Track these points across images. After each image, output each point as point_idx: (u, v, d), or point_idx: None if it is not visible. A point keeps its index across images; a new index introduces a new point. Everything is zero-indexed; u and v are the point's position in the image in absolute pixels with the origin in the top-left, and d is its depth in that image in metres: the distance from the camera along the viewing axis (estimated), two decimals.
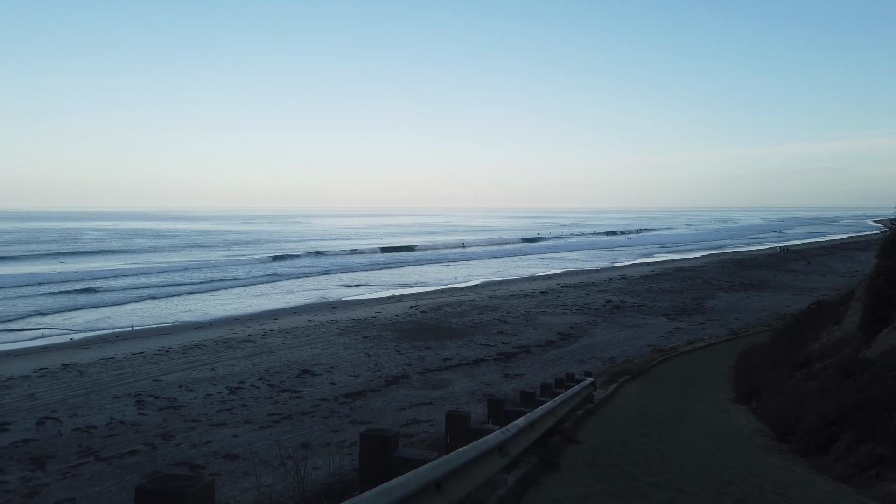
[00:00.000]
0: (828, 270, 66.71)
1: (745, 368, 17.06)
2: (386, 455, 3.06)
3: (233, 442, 17.36)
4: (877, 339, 11.46)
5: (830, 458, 7.66)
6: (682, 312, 41.36)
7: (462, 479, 3.32)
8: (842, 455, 7.37)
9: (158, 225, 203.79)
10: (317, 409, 20.59)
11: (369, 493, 2.45)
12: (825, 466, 7.61)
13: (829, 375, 10.46)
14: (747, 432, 10.48)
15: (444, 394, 22.82)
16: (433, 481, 2.85)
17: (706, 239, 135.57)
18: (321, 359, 27.19)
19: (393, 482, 2.57)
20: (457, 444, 4.24)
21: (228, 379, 23.82)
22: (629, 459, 7.67)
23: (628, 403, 13.39)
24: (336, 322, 35.76)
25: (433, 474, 2.90)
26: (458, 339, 31.90)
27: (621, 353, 29.49)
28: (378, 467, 3.08)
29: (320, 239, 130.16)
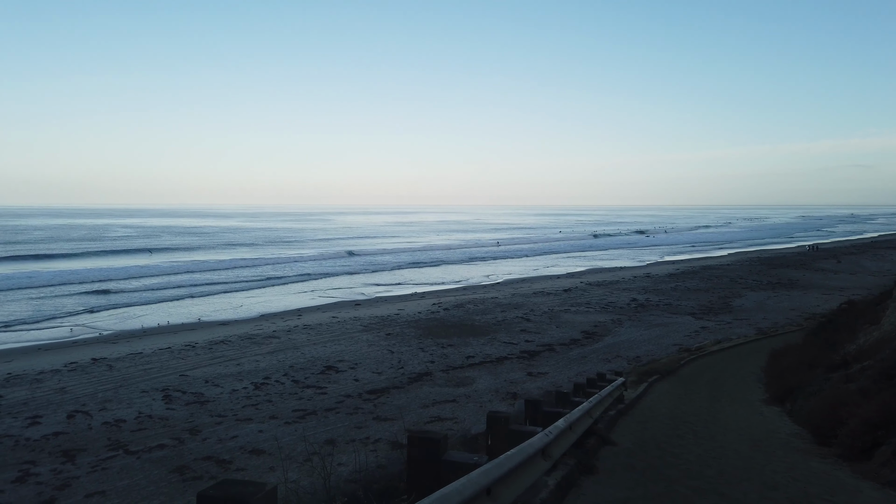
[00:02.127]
0: (859, 269, 65.36)
1: (777, 369, 16.69)
2: (436, 458, 2.97)
3: (258, 437, 17.43)
4: None
5: (875, 463, 7.42)
6: (708, 311, 40.76)
7: (510, 483, 3.22)
8: (888, 460, 7.12)
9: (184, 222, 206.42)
10: (341, 405, 20.61)
11: (428, 501, 2.36)
12: (870, 472, 7.36)
13: (870, 377, 10.17)
14: (784, 435, 10.22)
15: (468, 391, 22.72)
16: (485, 487, 2.76)
17: (755, 237, 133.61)
18: (345, 355, 27.24)
19: (449, 489, 2.48)
20: (498, 445, 4.15)
21: (254, 374, 23.95)
22: (667, 462, 7.48)
23: (659, 404, 13.17)
24: (359, 319, 35.83)
25: (485, 479, 2.80)
26: (481, 336, 31.77)
27: (647, 353, 29.13)
28: (427, 470, 2.99)
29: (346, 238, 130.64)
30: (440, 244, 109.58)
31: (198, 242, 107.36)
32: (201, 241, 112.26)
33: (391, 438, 17.56)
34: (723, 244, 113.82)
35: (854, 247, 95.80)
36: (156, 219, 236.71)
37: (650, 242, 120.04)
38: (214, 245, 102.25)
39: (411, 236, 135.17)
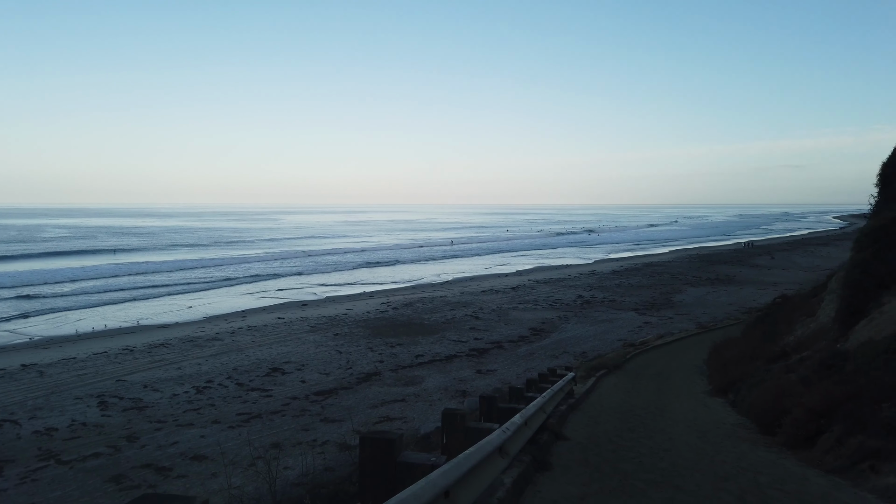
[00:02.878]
0: (791, 265, 68.16)
1: (719, 362, 17.14)
2: (390, 459, 2.77)
3: (200, 443, 16.87)
4: (854, 331, 11.54)
5: (819, 450, 7.60)
6: (651, 307, 41.73)
7: (470, 484, 3.05)
8: (831, 448, 7.31)
9: (124, 222, 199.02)
10: (287, 407, 20.18)
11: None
12: (814, 459, 7.54)
13: (810, 368, 10.48)
14: (730, 426, 10.44)
15: (417, 390, 22.58)
16: (444, 489, 2.58)
17: (698, 235, 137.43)
18: (291, 357, 26.69)
19: (406, 494, 2.28)
20: (454, 442, 3.99)
21: (195, 378, 23.18)
22: (620, 456, 7.49)
23: (608, 398, 13.30)
24: (307, 319, 35.19)
25: (444, 481, 2.63)
26: (430, 335, 31.65)
27: (592, 348, 29.57)
28: (381, 473, 2.79)
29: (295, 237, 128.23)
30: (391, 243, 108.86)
31: (139, 243, 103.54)
32: (143, 241, 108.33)
33: (339, 440, 17.26)
34: (666, 242, 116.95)
35: (786, 244, 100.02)
36: (93, 218, 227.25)
37: (596, 240, 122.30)
38: (156, 246, 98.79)
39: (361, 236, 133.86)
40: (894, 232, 13.06)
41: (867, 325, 11.23)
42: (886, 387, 7.37)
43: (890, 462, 6.10)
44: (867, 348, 9.67)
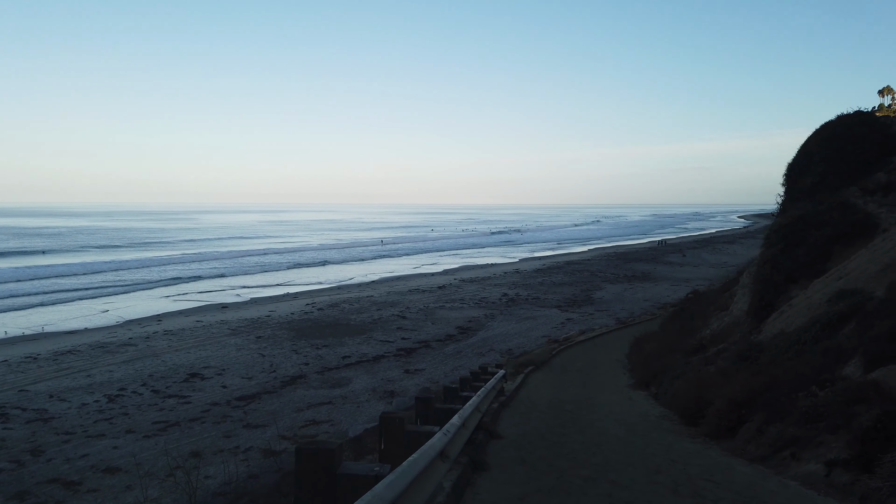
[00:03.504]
0: (701, 262, 71.52)
1: (640, 356, 17.69)
2: (329, 472, 2.57)
3: (113, 454, 15.97)
4: (766, 324, 12.12)
5: (741, 440, 7.90)
6: (572, 304, 42.76)
7: (415, 493, 2.89)
8: (753, 437, 7.60)
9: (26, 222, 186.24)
10: (207, 414, 19.41)
11: None
12: (737, 449, 7.82)
13: (728, 359, 10.92)
14: (654, 418, 10.73)
15: (344, 392, 22.21)
16: (391, 501, 2.41)
17: (620, 234, 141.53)
18: (211, 361, 25.68)
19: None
20: (392, 447, 3.82)
21: (107, 386, 21.92)
22: (554, 452, 7.52)
23: (537, 394, 13.45)
24: (227, 322, 33.97)
25: (391, 493, 2.45)
26: (356, 336, 31.23)
27: (518, 345, 29.98)
28: (320, 486, 2.59)
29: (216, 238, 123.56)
30: (316, 243, 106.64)
31: (44, 244, 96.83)
32: (49, 243, 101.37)
33: (264, 446, 16.72)
34: (589, 240, 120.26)
35: (696, 242, 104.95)
36: None
37: (523, 239, 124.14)
38: (65, 248, 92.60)
39: (284, 236, 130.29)
40: (800, 229, 13.83)
41: (778, 317, 11.82)
42: (802, 377, 7.75)
43: (809, 449, 6.39)
44: (780, 340, 10.16)
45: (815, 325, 9.76)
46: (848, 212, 14.02)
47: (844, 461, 5.58)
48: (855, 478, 5.35)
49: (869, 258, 11.25)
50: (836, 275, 11.69)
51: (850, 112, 19.92)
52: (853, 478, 5.37)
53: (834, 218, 13.77)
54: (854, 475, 5.37)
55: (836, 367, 7.81)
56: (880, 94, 52.90)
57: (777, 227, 14.32)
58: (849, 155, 16.88)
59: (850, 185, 15.84)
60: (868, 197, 14.90)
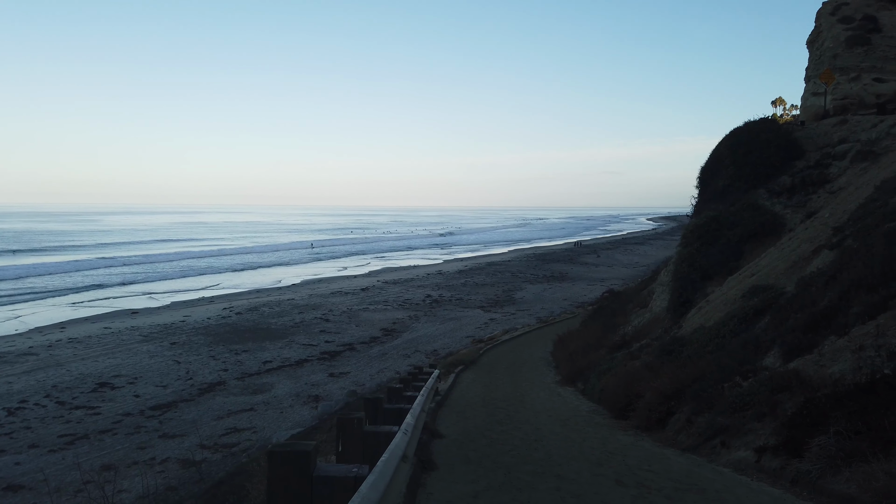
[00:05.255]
0: (614, 262, 74.25)
1: (565, 353, 18.14)
2: (305, 474, 2.44)
3: (15, 470, 14.90)
4: (686, 319, 12.69)
5: (671, 430, 8.21)
6: (495, 304, 43.38)
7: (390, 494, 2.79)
8: (682, 427, 7.92)
9: None
10: (119, 425, 18.41)
11: None
12: (668, 439, 8.13)
13: (652, 354, 11.35)
14: (585, 412, 11.01)
15: (267, 398, 21.59)
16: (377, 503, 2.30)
17: (545, 235, 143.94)
18: (122, 369, 24.34)
19: None
20: (350, 449, 3.70)
21: (5, 399, 20.37)
22: (497, 449, 7.56)
23: (470, 393, 13.53)
24: (138, 328, 32.28)
25: (375, 494, 2.34)
26: (278, 340, 30.43)
27: (443, 346, 30.09)
28: (295, 492, 2.45)
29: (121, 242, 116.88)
30: (236, 246, 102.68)
31: None
32: None
33: (182, 456, 16.01)
34: (518, 241, 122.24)
35: (609, 243, 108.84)
36: None
37: (448, 241, 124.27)
38: None
39: (199, 238, 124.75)
40: (714, 229, 14.59)
41: (696, 313, 12.40)
42: (725, 368, 8.15)
43: (738, 437, 6.72)
44: (700, 334, 10.66)
45: (733, 319, 10.30)
46: (757, 213, 14.96)
47: (773, 447, 5.89)
48: (784, 462, 5.65)
49: (778, 256, 12.00)
50: (748, 272, 12.40)
51: (756, 119, 21.25)
52: (783, 462, 5.68)
53: (745, 218, 14.65)
54: (783, 460, 5.68)
55: (755, 358, 8.27)
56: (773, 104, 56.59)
57: (692, 228, 15.05)
58: (756, 159, 18.00)
59: (759, 187, 16.89)
60: (775, 199, 15.94)
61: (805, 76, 31.25)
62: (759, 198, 16.29)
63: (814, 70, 29.66)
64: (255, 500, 5.48)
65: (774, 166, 17.68)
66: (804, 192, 16.11)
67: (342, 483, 2.46)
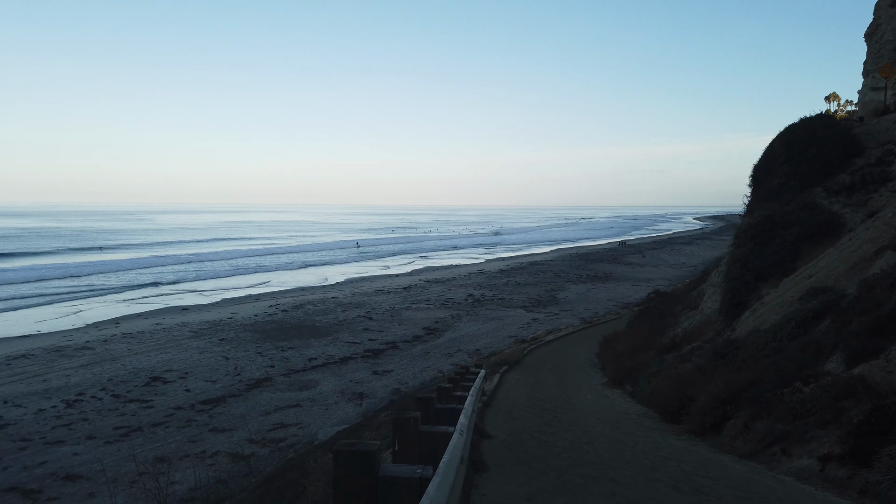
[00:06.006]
0: (660, 262, 72.88)
1: (612, 354, 17.86)
2: (370, 474, 2.44)
3: (74, 461, 15.44)
4: (740, 322, 12.33)
5: (727, 436, 7.98)
6: (537, 304, 43.03)
7: (453, 495, 2.78)
8: (739, 433, 7.69)
9: None
10: (171, 418, 18.91)
11: None
12: (724, 445, 7.90)
13: (704, 357, 11.07)
14: (635, 416, 10.80)
15: (312, 394, 21.89)
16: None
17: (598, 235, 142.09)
18: (173, 364, 25.00)
19: None
20: (406, 449, 3.70)
21: (64, 391, 21.12)
22: (547, 452, 7.47)
23: (516, 393, 13.45)
24: (188, 325, 33.12)
25: (442, 496, 2.33)
26: (322, 337, 30.81)
27: (486, 345, 30.00)
28: (360, 491, 2.45)
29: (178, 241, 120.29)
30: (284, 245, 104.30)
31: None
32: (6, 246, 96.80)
33: (231, 450, 16.36)
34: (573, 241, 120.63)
35: (655, 243, 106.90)
36: None
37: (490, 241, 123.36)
38: (22, 251, 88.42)
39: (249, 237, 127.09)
40: (769, 229, 14.14)
41: (751, 315, 12.04)
42: (784, 373, 7.87)
43: (800, 445, 6.48)
44: (756, 337, 10.34)
45: (790, 322, 9.96)
46: (814, 212, 14.43)
47: (839, 456, 5.66)
48: (852, 472, 5.42)
49: (837, 256, 11.56)
50: (805, 273, 11.98)
51: (812, 115, 20.53)
52: (850, 472, 5.45)
53: (801, 218, 14.15)
54: (850, 469, 5.45)
55: (816, 362, 7.97)
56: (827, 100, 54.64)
57: (746, 227, 14.62)
58: (813, 156, 17.38)
59: (815, 185, 16.30)
60: (833, 197, 15.37)
61: (863, 71, 30.10)
62: (816, 196, 15.72)
63: (872, 64, 28.55)
64: (312, 496, 5.53)
65: (832, 164, 17.04)
66: (864, 190, 15.49)
67: (407, 484, 2.45)
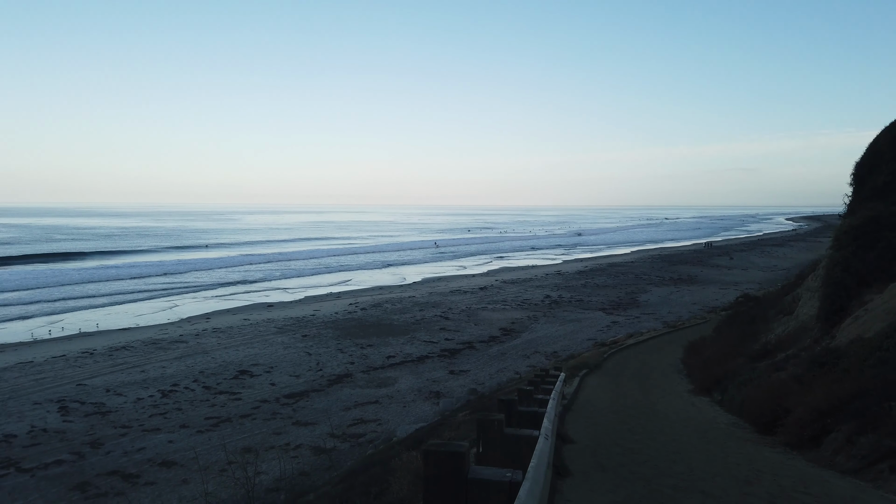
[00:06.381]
0: (749, 265, 69.67)
1: (698, 360, 17.16)
2: (460, 476, 2.43)
3: (168, 448, 16.25)
4: (840, 329, 11.58)
5: (827, 450, 7.50)
6: (617, 307, 42.03)
7: (542, 501, 2.74)
8: (841, 447, 7.21)
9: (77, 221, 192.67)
10: (257, 410, 19.63)
11: None
12: (823, 460, 7.43)
13: (801, 365, 10.45)
14: (724, 425, 10.34)
15: (390, 392, 22.20)
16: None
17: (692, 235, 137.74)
18: (259, 359, 25.98)
19: None
20: (490, 452, 3.67)
21: (160, 381, 22.34)
22: (632, 459, 7.26)
23: (596, 398, 13.16)
24: (273, 321, 34.37)
25: (533, 501, 2.30)
26: (400, 336, 31.25)
27: (563, 348, 29.56)
28: (450, 492, 2.44)
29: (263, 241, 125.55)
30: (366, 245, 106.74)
31: (106, 245, 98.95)
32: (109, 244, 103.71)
33: (313, 444, 16.81)
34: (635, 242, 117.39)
35: (744, 244, 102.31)
36: (39, 218, 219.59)
37: (570, 242, 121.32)
38: (123, 248, 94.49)
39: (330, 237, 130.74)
40: (872, 230, 13.22)
41: (852, 322, 11.28)
42: (892, 385, 7.31)
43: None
44: (858, 346, 9.68)
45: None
46: None
47: None
48: None
49: None
50: None
51: None
52: None
53: None
54: None
55: None
56: None
57: (847, 229, 13.71)
58: None
59: None
60: None
61: None
62: None
63: None
64: (397, 493, 5.59)
65: None
66: None
67: (497, 487, 2.41)
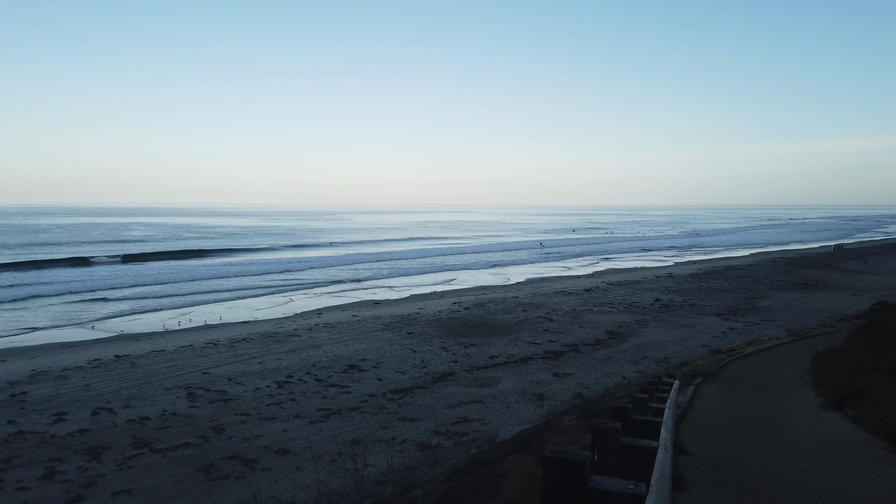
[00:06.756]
0: (886, 270, 63.88)
1: (827, 372, 15.89)
2: (580, 485, 2.36)
3: (283, 437, 17.04)
4: None
5: None
6: (735, 312, 39.78)
7: None
8: None
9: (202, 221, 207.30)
10: (365, 404, 20.19)
11: None
12: None
13: None
14: (859, 444, 9.49)
15: (493, 392, 22.16)
16: None
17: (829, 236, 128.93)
18: (367, 354, 26.77)
19: None
20: (607, 461, 3.55)
21: (276, 373, 23.52)
22: (755, 476, 6.83)
23: (713, 408, 12.50)
24: (380, 318, 35.32)
25: None
26: (503, 336, 31.16)
27: (675, 354, 28.33)
28: (569, 502, 2.37)
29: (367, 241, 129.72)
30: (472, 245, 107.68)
31: (231, 244, 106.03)
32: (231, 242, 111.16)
33: (418, 439, 17.06)
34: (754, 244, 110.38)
35: (879, 247, 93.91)
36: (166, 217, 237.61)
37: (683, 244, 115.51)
38: (245, 247, 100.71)
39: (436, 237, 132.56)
40: None
41: None
42: None
43: None
44: None
45: None
46: None
47: None
48: None
49: None
50: None
51: None
52: None
53: None
54: None
55: None
56: None
57: None
58: None
59: None
60: None
61: None
62: None
63: None
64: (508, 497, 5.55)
65: None
66: None
67: (619, 499, 2.32)
